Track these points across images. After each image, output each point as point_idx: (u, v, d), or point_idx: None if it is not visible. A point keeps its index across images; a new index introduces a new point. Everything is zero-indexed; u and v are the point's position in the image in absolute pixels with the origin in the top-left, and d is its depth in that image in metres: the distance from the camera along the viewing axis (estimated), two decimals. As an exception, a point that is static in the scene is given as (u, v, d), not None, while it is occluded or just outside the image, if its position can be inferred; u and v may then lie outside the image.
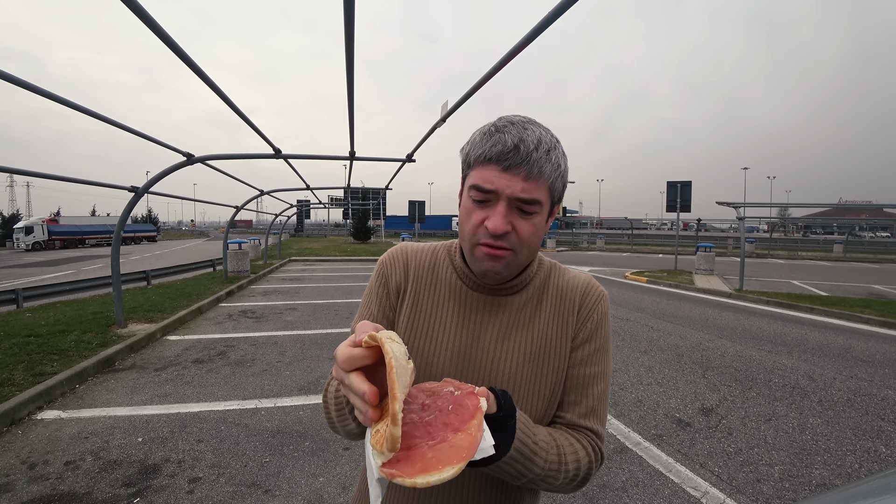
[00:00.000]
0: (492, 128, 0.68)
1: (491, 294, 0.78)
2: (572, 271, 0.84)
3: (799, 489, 2.54)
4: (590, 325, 0.78)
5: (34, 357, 4.53)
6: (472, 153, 0.69)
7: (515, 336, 0.76)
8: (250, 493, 2.50)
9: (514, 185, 0.65)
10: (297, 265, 16.62)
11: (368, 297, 0.84)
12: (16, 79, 3.23)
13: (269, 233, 19.83)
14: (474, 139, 0.70)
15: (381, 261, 0.85)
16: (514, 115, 0.71)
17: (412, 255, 0.84)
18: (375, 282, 0.83)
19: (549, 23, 2.27)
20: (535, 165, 0.65)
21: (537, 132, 0.67)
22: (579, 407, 0.75)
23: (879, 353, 5.29)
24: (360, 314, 0.83)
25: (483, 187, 0.66)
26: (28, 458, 2.83)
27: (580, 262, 17.65)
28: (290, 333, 6.04)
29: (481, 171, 0.67)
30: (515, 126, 0.67)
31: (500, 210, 0.66)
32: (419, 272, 0.82)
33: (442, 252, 0.85)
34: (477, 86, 3.38)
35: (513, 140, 0.65)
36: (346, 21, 2.27)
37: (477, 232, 0.69)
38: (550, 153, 0.66)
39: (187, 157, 5.88)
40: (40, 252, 29.04)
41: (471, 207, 0.69)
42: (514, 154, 0.64)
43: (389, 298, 0.81)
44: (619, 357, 5.06)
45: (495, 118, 0.72)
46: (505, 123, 0.68)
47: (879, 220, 28.38)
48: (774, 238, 31.01)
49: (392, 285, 0.81)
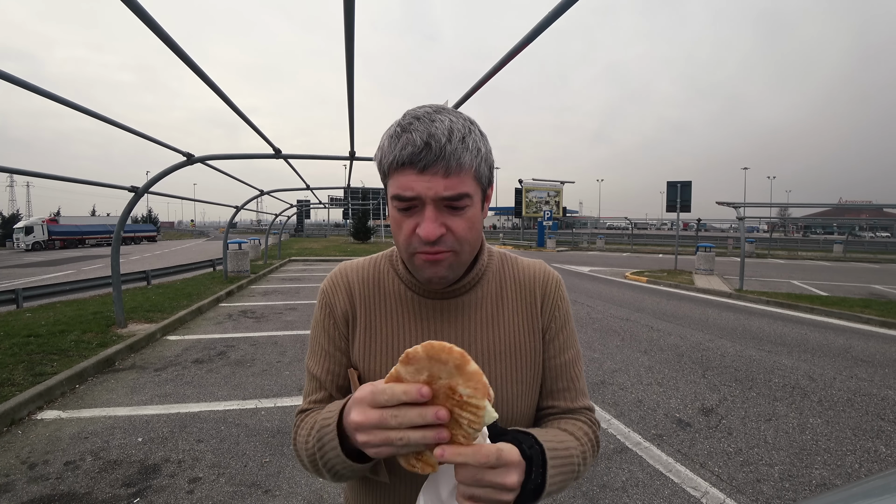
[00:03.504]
0: (397, 128, 0.62)
1: (444, 298, 0.74)
2: (524, 260, 0.82)
3: (799, 489, 2.54)
4: (558, 314, 0.79)
5: (34, 357, 4.53)
6: (385, 160, 0.63)
7: (482, 337, 0.74)
8: (250, 493, 2.50)
9: (436, 186, 0.60)
10: (297, 265, 16.62)
11: (316, 330, 0.78)
12: (15, 78, 3.22)
13: (269, 233, 19.82)
14: (383, 144, 0.64)
15: (323, 289, 0.79)
16: (420, 108, 0.64)
17: (353, 275, 0.78)
18: (320, 313, 0.78)
19: (551, 21, 2.27)
20: (452, 159, 0.60)
21: (446, 121, 0.61)
22: (570, 392, 0.78)
23: (879, 353, 5.29)
24: (311, 351, 0.78)
25: (404, 196, 0.61)
26: (28, 458, 2.83)
27: (580, 262, 17.64)
28: (290, 333, 6.04)
29: (398, 177, 0.62)
30: (421, 121, 0.61)
31: (428, 215, 0.62)
32: (364, 292, 0.76)
33: (383, 263, 0.80)
34: (478, 85, 3.38)
35: (421, 137, 0.59)
36: (346, 20, 2.27)
37: (411, 241, 0.64)
38: (466, 140, 0.61)
39: (187, 157, 5.88)
40: (40, 252, 29.04)
41: (399, 217, 0.65)
42: (426, 152, 0.59)
43: (338, 328, 0.76)
44: (619, 357, 5.06)
45: (402, 120, 0.64)
46: (410, 120, 0.62)
47: (879, 220, 28.38)
48: (774, 238, 31.00)
49: (338, 314, 0.76)
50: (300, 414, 0.76)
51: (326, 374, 0.75)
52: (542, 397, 0.78)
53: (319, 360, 0.76)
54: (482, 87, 3.36)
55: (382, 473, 0.68)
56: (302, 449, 0.68)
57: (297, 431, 0.72)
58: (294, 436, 0.73)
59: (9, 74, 3.18)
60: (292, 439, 0.74)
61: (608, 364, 4.80)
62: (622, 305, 8.30)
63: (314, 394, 0.76)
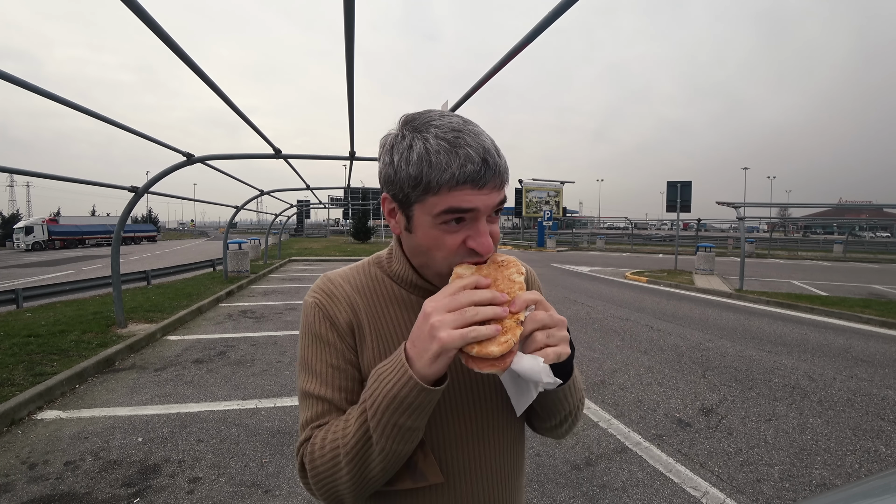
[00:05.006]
0: (443, 143, 0.59)
1: None
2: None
3: (799, 489, 2.54)
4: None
5: (34, 357, 4.53)
6: (432, 176, 0.59)
7: None
8: (250, 493, 2.50)
9: (493, 199, 0.61)
10: (297, 265, 16.63)
11: (315, 348, 0.70)
12: (15, 78, 3.22)
13: (269, 233, 19.83)
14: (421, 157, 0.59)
15: (316, 302, 0.71)
16: (446, 118, 0.62)
17: (347, 284, 0.74)
18: (320, 327, 0.70)
19: (551, 21, 2.27)
20: (504, 174, 0.62)
21: (484, 134, 0.62)
22: None
23: (879, 353, 5.29)
24: (310, 373, 0.69)
25: (461, 207, 0.59)
26: (28, 458, 2.83)
27: (580, 262, 17.65)
28: (291, 333, 6.03)
29: (454, 195, 0.59)
30: (469, 135, 0.59)
31: (483, 229, 0.62)
32: (365, 300, 0.72)
33: (372, 268, 0.77)
34: (478, 85, 3.37)
35: (479, 154, 0.59)
36: (346, 19, 2.27)
37: (458, 253, 0.63)
38: (500, 152, 0.62)
39: (187, 157, 5.88)
40: (40, 252, 29.04)
41: (438, 234, 0.62)
42: (485, 169, 0.59)
43: (345, 341, 0.70)
44: (618, 357, 5.06)
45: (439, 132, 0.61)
46: (455, 134, 0.59)
47: (879, 220, 28.42)
48: (774, 238, 31.00)
49: (342, 325, 0.70)
50: (305, 443, 0.67)
51: (338, 393, 0.68)
52: None
53: (325, 379, 0.68)
54: (482, 86, 3.36)
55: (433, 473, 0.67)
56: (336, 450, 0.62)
57: (313, 452, 0.64)
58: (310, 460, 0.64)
59: (9, 74, 3.19)
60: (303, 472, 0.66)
61: (608, 364, 4.80)
62: (622, 305, 8.30)
63: (322, 418, 0.67)
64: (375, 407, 0.59)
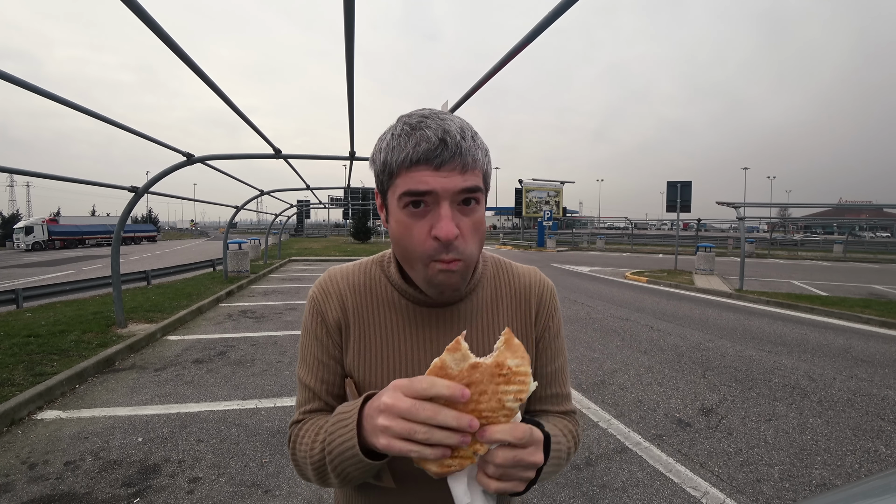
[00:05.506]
0: (405, 127, 0.60)
1: (439, 306, 0.72)
2: (518, 266, 0.81)
3: (799, 489, 2.54)
4: (552, 323, 0.79)
5: (34, 357, 4.53)
6: (393, 159, 0.60)
7: (478, 346, 0.72)
8: (250, 493, 2.50)
9: (453, 182, 0.58)
10: (297, 265, 16.62)
11: (307, 339, 0.75)
12: (15, 78, 3.22)
13: (269, 233, 19.83)
14: (388, 144, 0.61)
15: (312, 296, 0.75)
16: (421, 110, 0.63)
17: (343, 282, 0.75)
18: (311, 321, 0.74)
19: (552, 21, 2.27)
20: (468, 155, 0.59)
21: (456, 121, 0.61)
22: (558, 398, 0.81)
23: (879, 353, 5.29)
24: (302, 360, 0.75)
25: (418, 189, 0.58)
26: (28, 458, 2.83)
27: (580, 262, 17.65)
28: (290, 333, 6.03)
29: (410, 175, 0.59)
30: (432, 119, 0.59)
31: (444, 213, 0.58)
32: (356, 300, 0.74)
33: (373, 268, 0.77)
34: (478, 85, 3.37)
35: (436, 134, 0.58)
36: (346, 19, 2.27)
37: (426, 248, 0.60)
38: (476, 139, 0.61)
39: (187, 157, 5.88)
40: (40, 252, 29.04)
41: (408, 221, 0.61)
42: (443, 149, 0.57)
43: (331, 337, 0.73)
44: (618, 357, 5.06)
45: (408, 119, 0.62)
46: (419, 119, 0.60)
47: (879, 220, 28.38)
48: (774, 238, 30.99)
49: (330, 322, 0.73)
50: (295, 424, 0.73)
51: (320, 384, 0.73)
52: (532, 402, 0.80)
53: (312, 370, 0.73)
54: (482, 86, 3.36)
55: (387, 478, 0.67)
56: (306, 453, 0.66)
57: (295, 440, 0.70)
58: (292, 444, 0.71)
59: (9, 74, 3.18)
60: (290, 449, 0.71)
61: (608, 364, 4.80)
62: (622, 305, 8.30)
63: (308, 404, 0.74)
64: (329, 450, 0.61)
